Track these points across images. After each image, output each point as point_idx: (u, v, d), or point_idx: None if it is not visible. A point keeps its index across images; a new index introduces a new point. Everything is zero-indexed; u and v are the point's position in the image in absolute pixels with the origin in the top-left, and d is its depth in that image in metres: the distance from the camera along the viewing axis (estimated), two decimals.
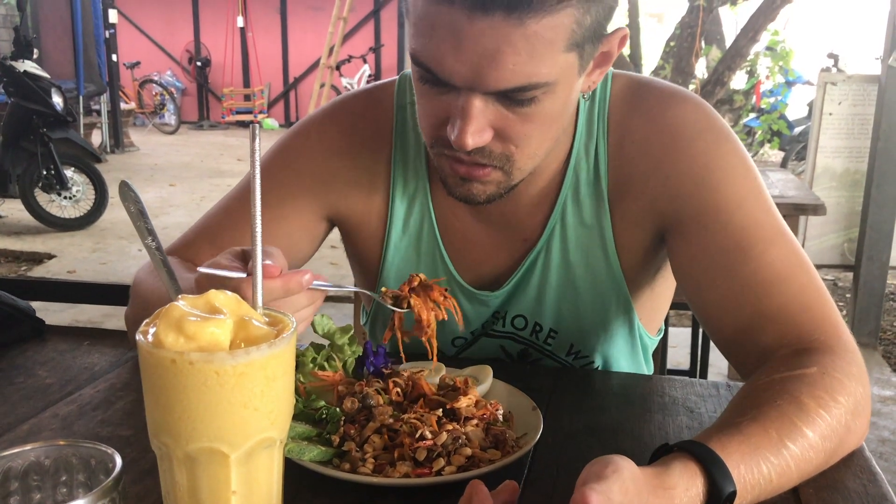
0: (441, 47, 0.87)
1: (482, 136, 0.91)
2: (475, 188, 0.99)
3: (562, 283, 1.15)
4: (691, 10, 7.98)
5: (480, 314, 1.20)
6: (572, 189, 1.12)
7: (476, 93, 0.88)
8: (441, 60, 0.87)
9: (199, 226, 1.19)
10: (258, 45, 16.18)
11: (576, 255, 1.14)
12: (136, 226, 0.73)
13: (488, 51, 0.84)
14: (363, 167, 1.17)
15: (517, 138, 0.94)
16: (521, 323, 1.19)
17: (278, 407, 0.62)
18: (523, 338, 1.21)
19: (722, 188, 1.02)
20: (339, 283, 0.99)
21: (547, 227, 1.13)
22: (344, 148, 1.16)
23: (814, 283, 0.97)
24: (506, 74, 0.86)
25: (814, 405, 0.82)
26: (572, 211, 1.13)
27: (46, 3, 9.46)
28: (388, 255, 1.19)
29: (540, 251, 1.15)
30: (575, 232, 1.13)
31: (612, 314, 1.18)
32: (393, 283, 1.20)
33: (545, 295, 1.16)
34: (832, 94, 5.59)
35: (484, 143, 0.93)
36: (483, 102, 0.89)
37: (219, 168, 10.62)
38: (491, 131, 0.92)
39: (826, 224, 5.62)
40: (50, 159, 6.72)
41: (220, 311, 0.62)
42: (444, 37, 0.86)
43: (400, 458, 0.81)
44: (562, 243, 1.14)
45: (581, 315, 1.17)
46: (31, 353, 1.17)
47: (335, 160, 1.16)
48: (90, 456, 0.66)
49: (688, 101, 1.08)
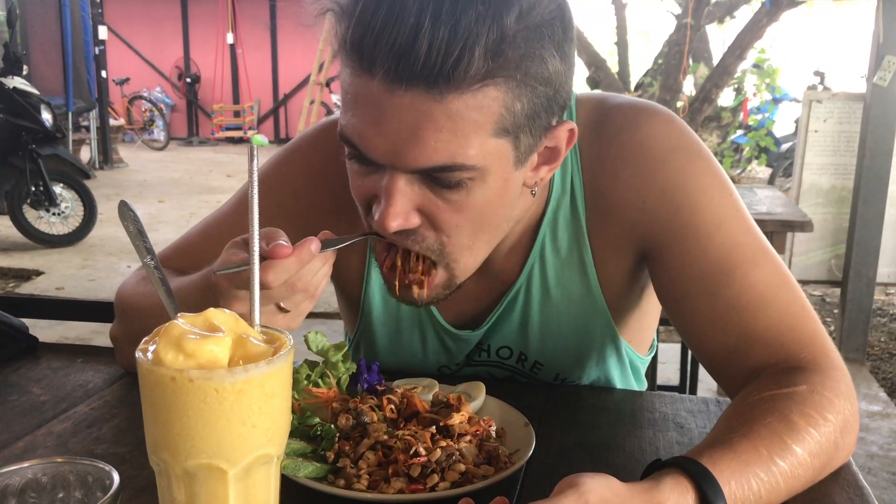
0: (363, 121, 0.85)
1: (407, 218, 0.88)
2: (414, 293, 0.96)
3: (544, 318, 1.14)
4: (679, 28, 8.05)
5: (462, 349, 1.20)
6: (550, 227, 1.10)
7: (399, 171, 0.86)
8: (363, 135, 0.86)
9: (191, 236, 1.19)
10: (248, 62, 16.21)
11: (556, 291, 1.12)
12: (135, 245, 0.74)
13: (408, 126, 0.82)
14: (346, 200, 1.16)
15: (447, 228, 0.90)
16: (507, 353, 1.19)
17: (276, 424, 0.63)
18: (509, 366, 1.20)
19: (700, 210, 1.00)
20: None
21: (525, 266, 1.11)
22: (326, 176, 1.14)
23: (798, 301, 0.97)
24: (427, 152, 0.83)
25: (803, 423, 0.83)
26: (550, 248, 1.11)
27: (36, 20, 9.46)
28: (369, 289, 1.18)
29: (519, 289, 1.13)
30: (554, 269, 1.11)
31: (597, 343, 1.17)
32: (376, 315, 1.19)
33: (528, 330, 1.15)
34: (818, 112, 5.65)
35: (409, 227, 0.89)
36: (407, 183, 0.86)
37: (208, 184, 10.61)
38: (416, 215, 0.89)
39: (813, 240, 5.67)
40: (39, 175, 6.71)
41: (218, 329, 0.63)
42: (366, 111, 0.84)
43: (394, 474, 0.81)
44: (542, 280, 1.12)
45: (566, 347, 1.16)
46: (25, 370, 1.18)
47: (318, 189, 1.14)
48: (87, 473, 0.66)
49: (655, 117, 1.05)
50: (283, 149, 1.21)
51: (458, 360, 1.22)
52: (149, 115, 14.98)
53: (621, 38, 9.65)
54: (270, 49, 16.25)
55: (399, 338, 1.21)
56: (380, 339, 1.22)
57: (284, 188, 1.15)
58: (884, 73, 4.09)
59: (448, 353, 1.20)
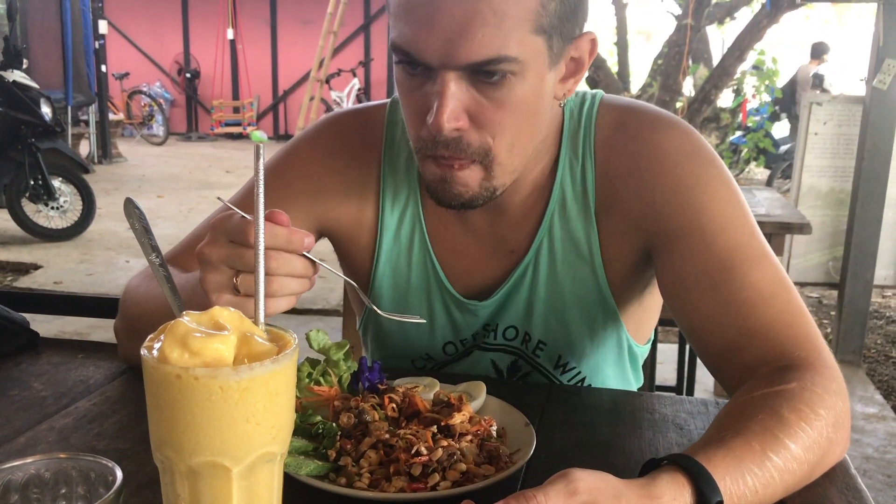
0: (416, 25, 0.93)
1: (458, 119, 0.96)
2: (457, 189, 1.02)
3: (550, 295, 1.18)
4: (679, 29, 8.07)
5: (471, 324, 1.22)
6: (559, 204, 1.15)
7: (450, 72, 0.93)
8: (416, 38, 0.93)
9: (195, 236, 1.20)
10: (248, 58, 16.21)
11: (563, 269, 1.16)
12: (140, 242, 0.74)
13: (458, 22, 0.91)
14: (353, 180, 1.20)
15: (492, 126, 0.97)
16: (512, 333, 1.22)
17: (280, 422, 0.63)
18: (514, 347, 1.23)
19: (707, 210, 1.05)
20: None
21: (535, 240, 1.16)
22: (334, 162, 1.19)
23: (795, 302, 1.00)
24: (475, 46, 0.91)
25: (795, 418, 0.84)
26: (559, 225, 1.15)
27: (36, 13, 9.44)
28: (379, 265, 1.22)
29: (528, 263, 1.17)
30: (562, 246, 1.16)
31: (599, 326, 1.20)
32: (385, 290, 1.22)
33: (534, 307, 1.19)
34: (818, 115, 5.66)
35: (460, 127, 0.96)
36: (457, 84, 0.94)
37: (207, 180, 10.60)
38: (466, 117, 0.96)
39: (811, 242, 5.68)
40: (37, 169, 6.70)
41: (223, 328, 0.63)
42: (418, 14, 0.93)
43: (395, 473, 0.82)
44: (549, 257, 1.16)
45: (569, 327, 1.19)
46: (26, 365, 1.18)
47: (325, 175, 1.19)
48: (90, 469, 0.67)
49: (675, 127, 1.11)
50: (291, 140, 1.25)
51: (463, 337, 1.23)
52: (148, 110, 14.96)
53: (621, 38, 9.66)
54: (270, 45, 16.24)
55: (407, 311, 1.23)
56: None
57: (293, 170, 1.19)
58: (883, 76, 4.10)
59: (455, 327, 1.23)
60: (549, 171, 1.14)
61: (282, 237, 0.82)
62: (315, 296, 5.19)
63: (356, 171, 1.20)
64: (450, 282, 1.20)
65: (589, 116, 1.14)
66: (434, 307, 1.22)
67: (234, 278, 0.85)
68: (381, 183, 1.19)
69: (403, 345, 1.26)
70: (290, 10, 15.89)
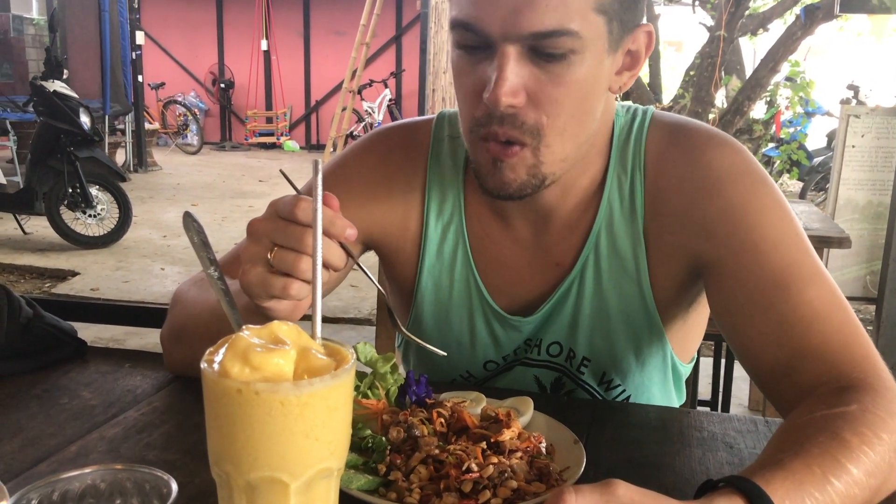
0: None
1: (515, 95, 0.95)
2: (507, 176, 1.01)
3: (595, 311, 1.17)
4: (711, 40, 8.00)
5: (513, 340, 1.21)
6: (606, 220, 1.14)
7: (511, 46, 0.93)
8: (480, 12, 0.93)
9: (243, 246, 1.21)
10: (281, 69, 16.36)
11: (609, 285, 1.15)
12: (199, 256, 0.74)
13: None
14: (400, 192, 1.20)
15: (548, 104, 0.97)
16: (556, 350, 1.21)
17: (338, 437, 0.63)
18: (558, 364, 1.21)
19: (759, 228, 1.03)
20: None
21: (581, 255, 1.15)
22: (382, 174, 1.20)
23: (852, 321, 0.98)
24: (538, 15, 0.91)
25: (857, 442, 0.81)
26: (606, 241, 1.14)
27: (76, 25, 9.61)
28: (421, 279, 1.22)
29: (574, 279, 1.16)
30: (609, 262, 1.14)
31: (644, 344, 1.19)
32: (427, 306, 1.22)
33: (579, 323, 1.17)
34: (855, 127, 5.57)
35: (517, 104, 0.95)
36: (517, 59, 0.94)
37: (240, 189, 10.71)
38: (524, 94, 0.96)
39: (848, 256, 5.58)
40: (76, 178, 6.81)
41: (283, 342, 0.63)
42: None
43: (446, 489, 0.81)
44: (595, 272, 1.15)
45: (614, 344, 1.18)
46: (75, 374, 1.19)
47: (373, 185, 1.20)
48: (145, 481, 0.67)
49: (727, 145, 1.10)
50: (339, 154, 1.28)
51: (505, 354, 1.23)
52: (183, 120, 15.15)
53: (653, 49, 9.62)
54: (303, 56, 16.38)
55: (448, 327, 1.23)
56: (429, 330, 1.24)
57: (342, 179, 1.20)
58: None
59: (497, 344, 1.22)
60: (598, 184, 1.14)
61: (326, 217, 0.81)
62: (347, 304, 5.21)
63: (403, 183, 1.20)
64: (492, 297, 1.20)
65: (640, 132, 1.13)
66: (476, 324, 1.22)
67: (270, 252, 0.85)
68: (426, 195, 1.20)
69: (443, 362, 1.25)
70: (323, 22, 16.03)
